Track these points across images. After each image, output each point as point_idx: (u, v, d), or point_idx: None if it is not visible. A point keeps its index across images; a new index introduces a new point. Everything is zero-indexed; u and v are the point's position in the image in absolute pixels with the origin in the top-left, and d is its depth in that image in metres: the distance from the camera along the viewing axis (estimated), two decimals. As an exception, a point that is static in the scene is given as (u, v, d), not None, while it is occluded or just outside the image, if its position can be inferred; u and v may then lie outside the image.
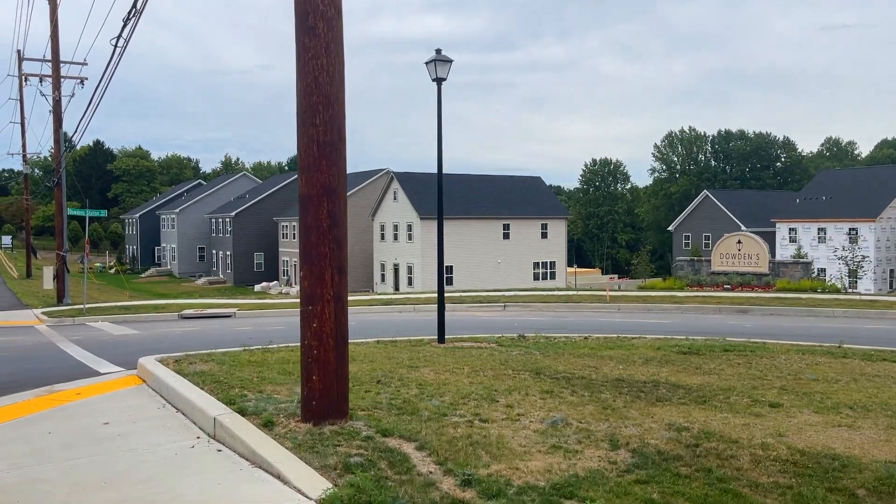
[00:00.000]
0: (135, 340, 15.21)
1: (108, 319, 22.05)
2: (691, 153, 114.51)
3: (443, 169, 12.40)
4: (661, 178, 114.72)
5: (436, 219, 55.76)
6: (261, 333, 15.66)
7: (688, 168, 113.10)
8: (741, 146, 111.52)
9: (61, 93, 27.40)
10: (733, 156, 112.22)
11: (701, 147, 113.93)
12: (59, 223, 26.84)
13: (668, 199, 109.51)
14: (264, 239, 67.96)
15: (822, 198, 57.57)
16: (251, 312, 22.93)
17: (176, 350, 12.42)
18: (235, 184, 77.72)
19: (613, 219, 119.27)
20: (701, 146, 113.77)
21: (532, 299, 23.07)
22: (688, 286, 26.63)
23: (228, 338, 14.98)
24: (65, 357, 12.41)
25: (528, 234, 57.59)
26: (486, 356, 10.35)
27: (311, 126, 6.05)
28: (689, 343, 12.01)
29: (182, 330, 17.53)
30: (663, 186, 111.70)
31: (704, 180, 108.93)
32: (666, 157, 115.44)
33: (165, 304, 25.10)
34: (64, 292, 27.34)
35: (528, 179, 63.02)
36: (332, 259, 6.09)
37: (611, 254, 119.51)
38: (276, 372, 8.59)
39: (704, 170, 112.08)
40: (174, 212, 74.47)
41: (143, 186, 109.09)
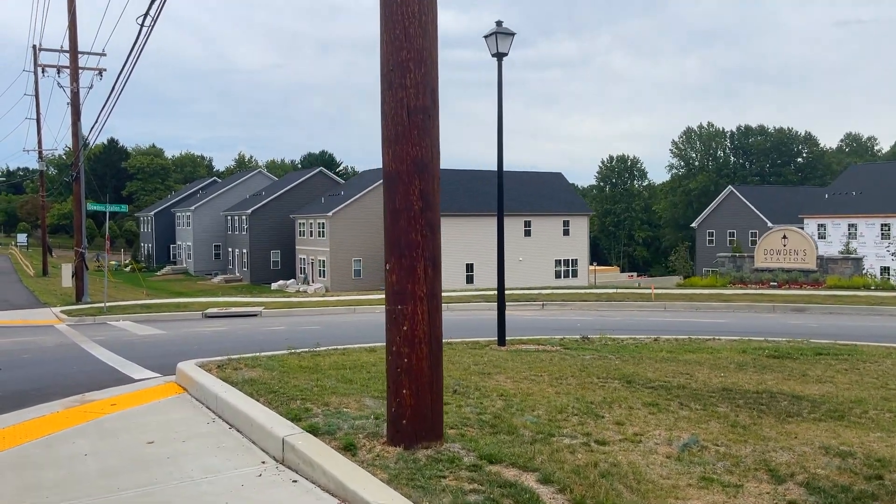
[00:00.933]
0: (162, 341, 14.26)
1: (130, 318, 21.17)
2: (710, 149, 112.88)
3: (502, 155, 11.30)
4: (680, 175, 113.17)
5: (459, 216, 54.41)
6: (297, 334, 14.68)
7: (707, 164, 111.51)
8: (761, 142, 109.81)
9: (79, 84, 26.57)
10: (753, 151, 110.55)
11: (720, 143, 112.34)
12: (78, 219, 25.99)
13: (686, 195, 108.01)
14: (281, 236, 67.14)
15: (852, 193, 56.11)
16: (278, 311, 21.98)
17: (208, 352, 11.46)
18: (251, 181, 77.00)
19: (630, 216, 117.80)
20: (720, 142, 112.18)
21: (570, 298, 22.00)
22: (731, 283, 25.45)
23: (261, 338, 14.00)
24: (91, 360, 11.46)
25: (549, 231, 56.47)
26: (559, 361, 9.30)
27: (399, 88, 5.01)
28: (772, 346, 10.91)
29: (210, 330, 16.58)
30: (681, 183, 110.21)
31: (724, 176, 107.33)
32: (684, 153, 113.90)
33: (188, 303, 24.20)
34: (83, 290, 26.50)
35: (550, 175, 61.86)
36: (425, 248, 5.06)
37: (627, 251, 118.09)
38: (335, 380, 7.58)
39: (724, 166, 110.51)
40: (189, 209, 73.81)
41: (157, 184, 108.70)
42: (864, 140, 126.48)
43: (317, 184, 69.16)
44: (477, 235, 53.28)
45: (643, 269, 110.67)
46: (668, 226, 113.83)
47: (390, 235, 5.13)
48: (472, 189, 55.51)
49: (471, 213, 53.11)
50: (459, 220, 52.54)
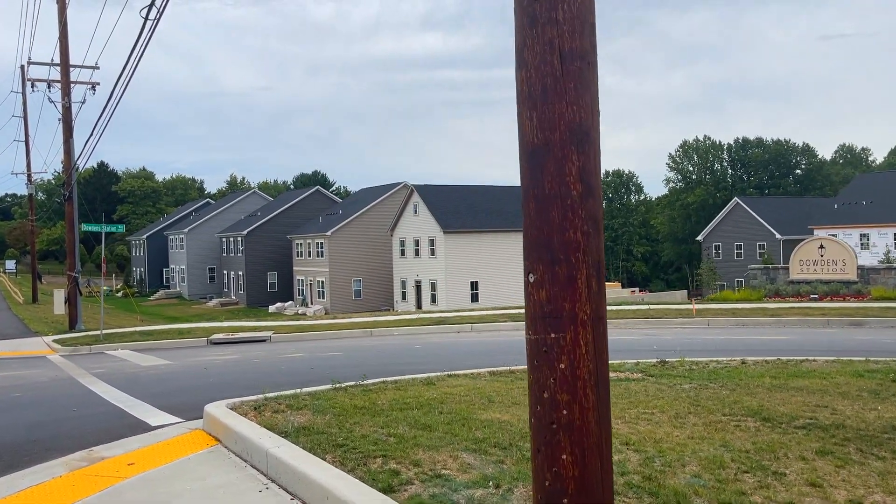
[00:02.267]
0: (171, 373, 12.66)
1: (129, 347, 19.53)
2: (707, 162, 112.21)
3: None
4: (677, 189, 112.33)
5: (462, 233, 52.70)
6: (319, 361, 13.12)
7: (704, 177, 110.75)
8: (759, 154, 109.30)
9: (71, 99, 25.09)
10: (751, 164, 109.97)
11: (717, 156, 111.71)
12: (71, 241, 24.37)
13: (684, 209, 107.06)
14: (277, 258, 65.52)
15: (862, 202, 55.12)
16: (288, 336, 20.38)
17: (227, 387, 9.90)
18: (245, 202, 75.45)
19: (628, 231, 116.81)
20: (717, 155, 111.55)
21: (603, 315, 20.53)
22: (766, 297, 24.08)
23: (283, 368, 12.42)
24: (93, 398, 9.86)
25: (554, 247, 55.00)
26: (656, 392, 7.78)
27: (547, 24, 3.56)
28: (885, 367, 9.45)
29: (220, 359, 14.98)
30: (679, 197, 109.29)
31: (722, 189, 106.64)
32: (681, 166, 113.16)
33: (190, 329, 22.56)
34: (77, 317, 24.83)
35: (553, 190, 60.50)
36: (587, 251, 3.57)
37: (626, 267, 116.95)
38: (407, 425, 6.04)
39: (721, 179, 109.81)
40: (183, 232, 72.10)
41: (148, 207, 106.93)
42: (859, 151, 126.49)
43: (313, 203, 67.71)
44: (481, 253, 51.83)
45: (642, 284, 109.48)
46: (667, 240, 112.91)
47: (535, 233, 3.63)
48: (474, 205, 54.17)
49: (473, 229, 51.71)
50: (462, 237, 51.13)
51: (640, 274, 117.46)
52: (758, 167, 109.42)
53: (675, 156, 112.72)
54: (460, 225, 51.46)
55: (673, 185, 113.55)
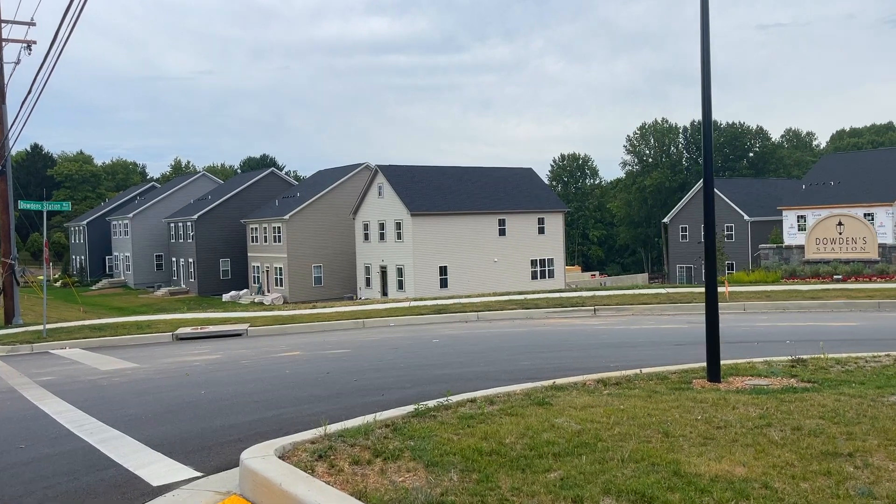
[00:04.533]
0: (142, 381, 9.96)
1: (80, 345, 16.57)
2: (663, 146, 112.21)
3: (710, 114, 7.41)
4: (634, 172, 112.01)
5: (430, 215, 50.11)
6: (330, 363, 10.61)
7: (661, 160, 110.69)
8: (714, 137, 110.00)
9: (2, 59, 21.66)
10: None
11: (673, 139, 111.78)
12: (6, 223, 21.04)
13: (641, 192, 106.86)
14: (230, 243, 61.89)
15: (831, 183, 54.75)
16: (269, 329, 17.71)
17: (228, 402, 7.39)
18: (194, 185, 71.27)
19: (584, 215, 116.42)
20: (673, 138, 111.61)
21: (621, 301, 18.46)
22: (784, 279, 22.49)
23: (290, 373, 9.86)
24: (46, 425, 7.18)
25: (524, 230, 53.17)
26: (860, 410, 5.59)
27: None
28: None
29: (199, 359, 12.30)
30: (636, 180, 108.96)
31: (678, 172, 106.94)
32: (638, 149, 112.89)
33: (150, 322, 19.62)
34: (14, 311, 21.57)
35: (521, 171, 58.64)
36: None
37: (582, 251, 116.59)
38: (601, 490, 3.68)
39: (677, 162, 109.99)
40: (127, 217, 67.63)
41: (87, 192, 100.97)
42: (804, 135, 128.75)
43: (267, 186, 64.18)
44: (449, 236, 49.54)
45: (598, 267, 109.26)
46: (623, 224, 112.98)
47: None
48: (442, 186, 51.77)
49: (442, 211, 49.35)
50: (430, 219, 48.70)
51: (596, 258, 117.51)
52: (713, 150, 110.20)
53: (633, 139, 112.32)
54: (428, 207, 49.02)
55: (630, 169, 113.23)
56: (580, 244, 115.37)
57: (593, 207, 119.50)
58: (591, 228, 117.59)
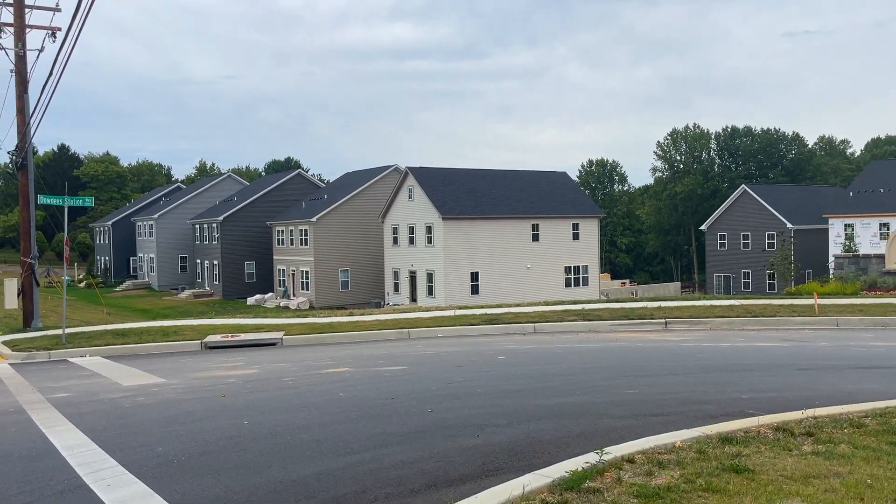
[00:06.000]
0: (172, 403, 8.44)
1: (100, 352, 15.19)
2: (695, 151, 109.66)
3: None
4: (664, 178, 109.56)
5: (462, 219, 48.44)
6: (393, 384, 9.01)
7: (692, 167, 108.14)
8: (747, 143, 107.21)
9: (26, 46, 20.46)
10: (740, 153, 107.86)
11: (705, 145, 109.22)
12: (26, 220, 19.78)
13: (671, 199, 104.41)
14: (256, 246, 60.78)
15: (880, 190, 52.36)
16: (305, 338, 16.20)
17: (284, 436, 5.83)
18: (219, 187, 70.36)
19: (612, 221, 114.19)
20: (705, 144, 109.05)
21: (693, 312, 16.70)
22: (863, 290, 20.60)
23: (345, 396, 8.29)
24: (52, 469, 5.65)
25: (558, 236, 51.40)
26: None
27: None
28: None
29: (233, 374, 10.79)
30: (667, 186, 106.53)
31: (710, 179, 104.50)
32: (669, 155, 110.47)
33: (177, 328, 18.21)
34: (33, 313, 20.29)
35: (555, 175, 56.93)
36: None
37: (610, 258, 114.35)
38: None
39: (709, 168, 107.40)
40: (152, 217, 66.85)
41: (113, 193, 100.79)
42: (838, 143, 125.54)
43: (294, 188, 63.02)
44: (481, 241, 47.92)
45: (626, 275, 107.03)
46: (652, 231, 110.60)
47: None
48: (474, 189, 50.19)
49: (474, 215, 47.76)
50: (461, 223, 47.14)
51: (624, 265, 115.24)
52: (746, 156, 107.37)
53: (663, 144, 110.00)
54: (460, 210, 47.46)
55: (660, 175, 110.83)
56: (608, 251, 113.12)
57: (622, 214, 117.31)
58: (619, 235, 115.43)
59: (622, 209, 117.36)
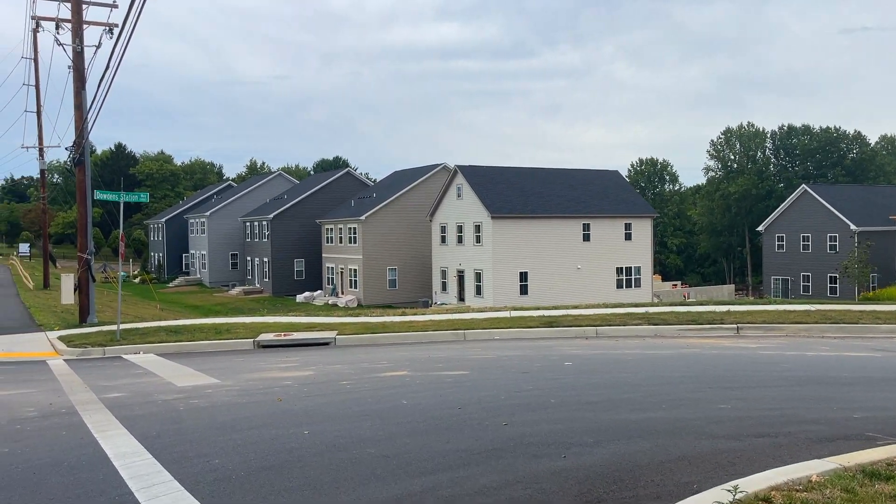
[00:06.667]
0: (227, 407, 8.05)
1: (154, 349, 15.05)
2: (749, 150, 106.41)
3: None
4: (717, 178, 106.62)
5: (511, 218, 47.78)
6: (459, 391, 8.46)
7: (746, 166, 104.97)
8: (805, 142, 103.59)
9: (83, 42, 20.57)
10: (797, 152, 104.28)
11: (760, 144, 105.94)
12: (83, 215, 19.89)
13: (724, 199, 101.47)
14: (305, 244, 61.07)
15: (954, 191, 49.84)
16: (358, 338, 15.81)
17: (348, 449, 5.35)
18: (270, 185, 71.02)
19: (663, 222, 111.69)
20: (760, 143, 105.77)
21: (766, 318, 15.76)
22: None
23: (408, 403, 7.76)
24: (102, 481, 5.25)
25: (610, 236, 50.24)
26: None
27: None
28: None
29: (289, 376, 10.40)
30: (719, 187, 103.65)
31: (765, 179, 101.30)
32: (722, 154, 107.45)
33: (229, 326, 18.03)
34: (88, 308, 20.40)
35: (607, 173, 55.74)
36: None
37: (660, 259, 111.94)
38: None
39: (764, 167, 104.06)
40: (204, 215, 67.81)
41: (167, 191, 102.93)
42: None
43: (343, 186, 63.12)
44: (531, 241, 47.11)
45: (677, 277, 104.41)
46: (704, 232, 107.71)
47: None
48: (524, 188, 49.41)
49: (523, 214, 46.99)
50: (510, 222, 46.41)
51: (675, 267, 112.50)
52: (804, 155, 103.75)
53: (717, 143, 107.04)
54: (509, 209, 46.74)
55: (713, 175, 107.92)
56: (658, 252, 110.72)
57: (672, 214, 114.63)
58: (669, 236, 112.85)
59: (673, 209, 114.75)
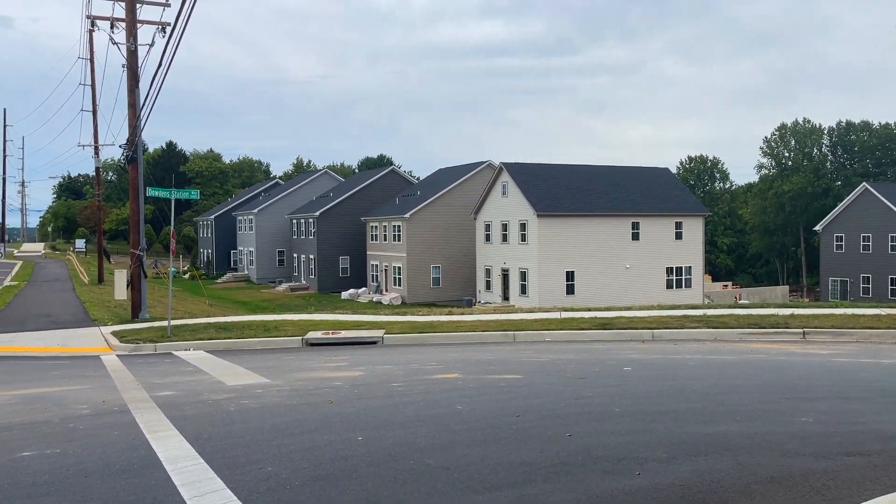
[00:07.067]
0: (278, 409, 7.86)
1: (204, 346, 15.08)
2: (805, 147, 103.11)
3: None
4: (770, 176, 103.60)
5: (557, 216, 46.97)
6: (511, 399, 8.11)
7: (801, 164, 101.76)
8: (864, 139, 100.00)
9: (137, 40, 20.81)
10: (856, 149, 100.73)
11: (816, 141, 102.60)
12: (135, 211, 20.13)
13: (778, 198, 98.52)
14: (350, 241, 61.36)
15: None
16: (406, 338, 15.59)
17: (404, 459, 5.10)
18: (316, 182, 71.61)
19: (713, 220, 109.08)
20: (816, 140, 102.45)
21: (835, 322, 14.97)
22: None
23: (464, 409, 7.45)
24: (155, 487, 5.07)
25: (659, 235, 49.14)
26: None
27: None
28: None
29: (339, 376, 10.18)
30: (773, 185, 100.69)
31: (822, 177, 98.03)
32: (776, 152, 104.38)
33: (277, 323, 18.01)
34: (140, 304, 20.65)
35: (656, 171, 54.59)
36: None
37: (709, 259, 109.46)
38: None
39: (820, 165, 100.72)
40: (252, 212, 68.74)
41: (215, 188, 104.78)
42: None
43: (388, 184, 63.23)
44: (578, 239, 46.35)
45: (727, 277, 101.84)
46: (756, 231, 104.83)
47: None
48: (570, 186, 48.68)
49: (570, 212, 46.28)
50: (557, 221, 45.75)
51: (725, 267, 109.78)
52: (863, 153, 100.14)
53: (771, 140, 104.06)
54: (556, 207, 46.09)
55: (766, 172, 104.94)
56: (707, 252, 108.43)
57: (723, 213, 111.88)
58: (719, 235, 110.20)
59: (724, 208, 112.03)
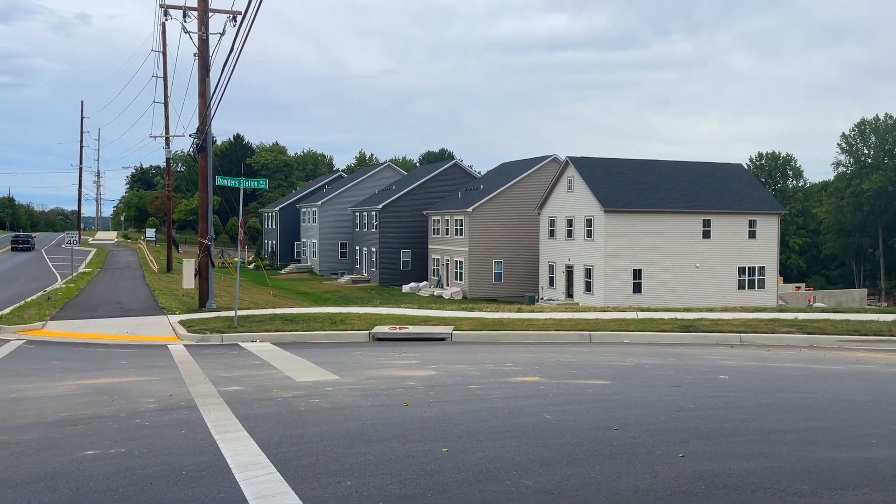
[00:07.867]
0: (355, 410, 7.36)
1: (270, 338, 14.83)
2: (886, 144, 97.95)
3: None
4: (847, 174, 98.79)
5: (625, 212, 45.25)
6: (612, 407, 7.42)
7: (882, 162, 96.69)
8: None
9: (209, 29, 20.78)
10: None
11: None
12: (204, 200, 20.12)
13: (856, 197, 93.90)
14: (412, 234, 61.18)
15: None
16: (475, 335, 14.99)
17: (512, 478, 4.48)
18: (379, 176, 71.73)
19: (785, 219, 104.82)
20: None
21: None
22: None
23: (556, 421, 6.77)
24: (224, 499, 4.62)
25: (732, 233, 47.20)
26: None
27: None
28: None
29: (411, 375, 9.65)
30: (850, 183, 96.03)
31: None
32: (855, 149, 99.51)
33: (343, 316, 17.67)
34: (208, 293, 20.67)
35: (729, 167, 52.52)
36: None
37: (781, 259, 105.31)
38: None
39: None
40: (315, 204, 69.35)
41: (280, 181, 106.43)
42: None
43: (450, 178, 62.76)
44: (646, 237, 44.89)
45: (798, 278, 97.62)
46: (831, 231, 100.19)
47: None
48: (638, 181, 47.19)
49: (638, 209, 44.85)
50: (624, 217, 44.39)
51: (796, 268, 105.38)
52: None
53: (849, 137, 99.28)
54: (623, 203, 44.73)
55: (844, 170, 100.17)
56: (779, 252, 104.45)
57: (795, 212, 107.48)
58: (791, 235, 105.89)
59: (796, 206, 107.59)
